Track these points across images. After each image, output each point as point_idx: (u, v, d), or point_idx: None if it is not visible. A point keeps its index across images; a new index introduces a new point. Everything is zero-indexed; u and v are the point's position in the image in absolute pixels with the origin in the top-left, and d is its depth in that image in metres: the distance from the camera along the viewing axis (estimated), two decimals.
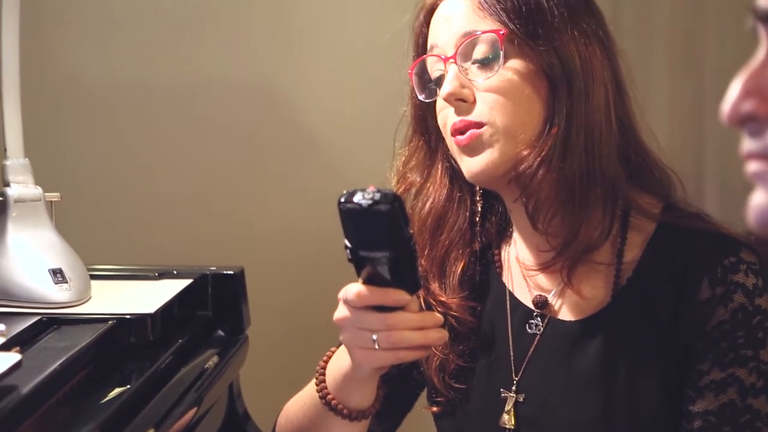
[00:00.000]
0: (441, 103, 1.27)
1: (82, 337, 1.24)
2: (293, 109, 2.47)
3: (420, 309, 1.14)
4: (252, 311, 1.64)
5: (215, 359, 1.47)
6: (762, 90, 0.65)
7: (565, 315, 1.28)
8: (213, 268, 1.60)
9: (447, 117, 1.27)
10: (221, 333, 1.58)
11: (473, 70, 1.25)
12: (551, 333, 1.29)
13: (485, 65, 1.24)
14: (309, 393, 1.34)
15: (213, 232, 2.44)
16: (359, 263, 1.09)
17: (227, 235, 2.43)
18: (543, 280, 1.30)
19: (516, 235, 1.34)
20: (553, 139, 1.22)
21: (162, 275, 1.58)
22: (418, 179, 1.34)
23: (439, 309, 1.30)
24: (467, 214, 1.33)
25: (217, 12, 2.46)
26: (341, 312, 1.14)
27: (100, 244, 2.12)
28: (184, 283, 1.54)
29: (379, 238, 1.05)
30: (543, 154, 1.21)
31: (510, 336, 1.31)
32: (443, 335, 1.15)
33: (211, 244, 2.41)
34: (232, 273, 1.60)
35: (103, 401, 1.17)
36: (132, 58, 2.47)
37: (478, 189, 1.33)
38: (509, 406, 1.29)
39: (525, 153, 1.22)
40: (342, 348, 1.24)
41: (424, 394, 1.41)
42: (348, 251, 1.08)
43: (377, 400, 1.28)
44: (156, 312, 1.35)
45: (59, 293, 1.37)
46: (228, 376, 1.52)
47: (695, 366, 1.21)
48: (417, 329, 1.12)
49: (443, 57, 1.26)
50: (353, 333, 1.13)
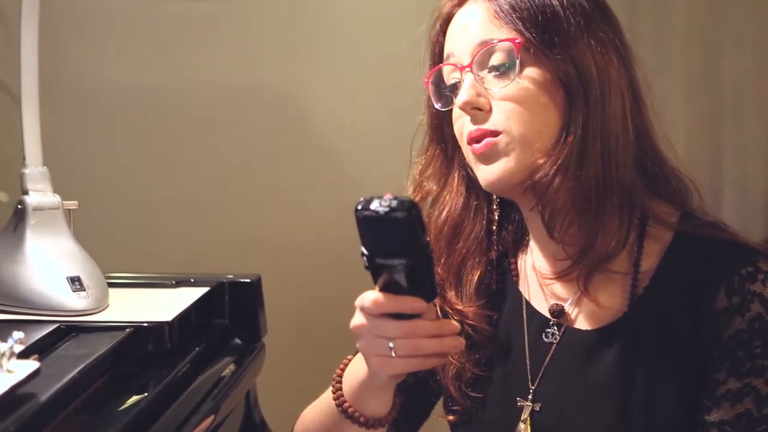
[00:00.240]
0: (457, 112, 1.28)
1: (99, 345, 1.24)
2: (310, 118, 2.47)
3: (437, 317, 1.13)
4: (269, 319, 1.64)
5: (232, 367, 1.47)
6: None
7: (582, 324, 1.28)
8: (230, 276, 1.60)
9: (463, 126, 1.27)
10: (238, 341, 1.58)
11: (489, 78, 1.25)
12: (568, 342, 1.28)
13: (501, 74, 1.24)
14: (325, 401, 1.34)
15: (230, 240, 2.44)
16: (376, 271, 1.09)
17: (244, 243, 2.43)
18: (559, 288, 1.30)
19: (532, 244, 1.34)
20: (570, 148, 1.22)
21: (179, 283, 1.59)
22: (434, 188, 1.34)
23: (456, 317, 1.30)
24: (484, 222, 1.33)
25: (233, 20, 2.47)
26: (358, 319, 1.14)
27: (117, 251, 2.13)
28: (201, 291, 1.54)
29: (396, 245, 1.06)
30: (559, 162, 1.21)
31: (526, 345, 1.31)
32: (460, 343, 1.15)
33: (228, 252, 2.42)
34: (248, 281, 1.61)
35: (121, 409, 1.18)
36: (148, 66, 2.48)
37: (494, 197, 1.33)
38: (525, 415, 1.29)
39: (541, 161, 1.22)
40: (359, 356, 1.24)
41: (440, 402, 1.41)
42: (365, 259, 1.08)
43: (394, 408, 1.28)
44: (173, 320, 1.36)
45: (77, 301, 1.37)
46: (245, 384, 1.52)
47: (712, 375, 1.21)
48: (434, 337, 1.11)
49: (459, 66, 1.27)
50: (370, 340, 1.13)
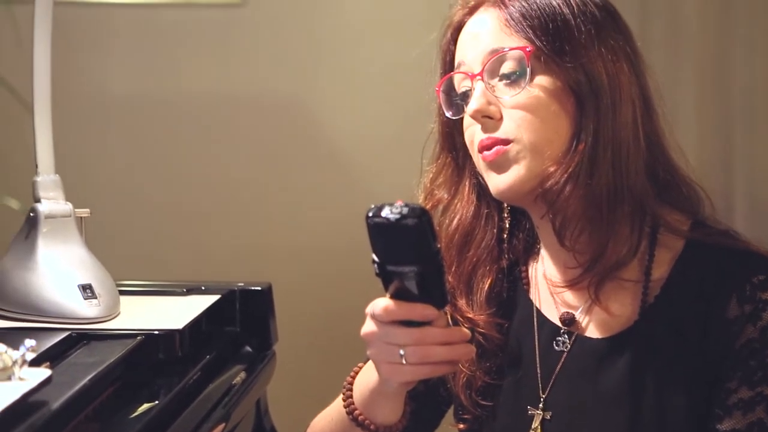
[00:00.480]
0: (468, 120, 1.28)
1: (111, 353, 1.24)
2: (321, 126, 2.48)
3: (447, 324, 1.13)
4: (279, 327, 1.64)
5: (243, 375, 1.47)
6: None
7: (593, 332, 1.28)
8: (241, 284, 1.60)
9: (474, 134, 1.27)
10: (249, 349, 1.58)
11: (500, 87, 1.25)
12: (578, 350, 1.28)
13: (512, 82, 1.24)
14: (336, 409, 1.34)
15: (241, 248, 2.45)
16: (387, 278, 1.09)
17: (255, 251, 2.44)
18: (570, 297, 1.30)
19: (543, 252, 1.33)
20: (580, 156, 1.22)
21: (190, 291, 1.59)
22: (445, 196, 1.34)
23: (467, 326, 1.29)
24: (495, 230, 1.33)
25: (245, 28, 2.48)
26: (369, 327, 1.14)
27: (129, 259, 2.14)
28: (212, 299, 1.54)
29: (407, 252, 1.06)
30: (570, 170, 1.21)
31: (537, 353, 1.31)
32: (470, 350, 1.15)
33: (239, 259, 2.42)
34: (259, 289, 1.61)
35: (132, 417, 1.18)
36: (160, 74, 2.49)
37: (505, 206, 1.33)
38: (536, 423, 1.29)
39: (552, 169, 1.22)
40: (369, 363, 1.24)
41: (450, 411, 1.40)
42: (376, 266, 1.08)
43: (404, 416, 1.28)
44: (184, 328, 1.36)
45: (89, 309, 1.38)
46: (255, 391, 1.52)
47: (723, 384, 1.20)
48: (444, 344, 1.11)
49: (470, 74, 1.27)
50: (380, 348, 1.13)
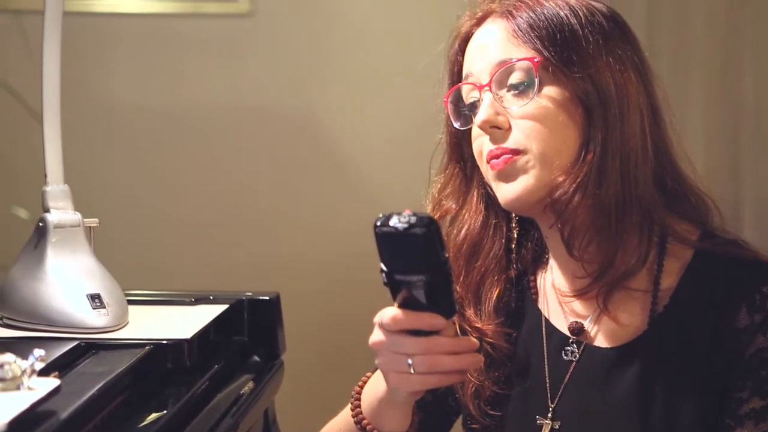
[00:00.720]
0: (476, 131, 1.28)
1: (119, 363, 1.25)
2: (329, 136, 2.48)
3: (455, 334, 1.13)
4: (287, 336, 1.65)
5: (251, 384, 1.47)
6: None
7: (601, 342, 1.28)
8: (249, 293, 1.60)
9: (482, 145, 1.27)
10: (257, 358, 1.58)
11: (508, 97, 1.25)
12: (587, 360, 1.28)
13: (520, 93, 1.24)
14: (344, 418, 1.34)
15: (249, 257, 2.45)
16: (395, 287, 1.09)
17: (263, 261, 2.44)
18: (579, 306, 1.30)
19: (552, 262, 1.33)
20: (589, 166, 1.22)
21: (198, 300, 1.59)
22: (453, 206, 1.34)
23: (475, 335, 1.29)
24: (503, 240, 1.33)
25: (252, 39, 2.49)
26: (377, 336, 1.14)
27: (137, 269, 2.14)
28: (220, 309, 1.54)
29: (415, 261, 1.06)
30: (578, 180, 1.21)
31: (546, 362, 1.30)
32: (478, 360, 1.15)
33: (247, 269, 2.43)
34: (267, 298, 1.61)
35: (140, 426, 1.18)
36: (170, 85, 2.49)
37: (513, 215, 1.33)
38: None
39: (560, 179, 1.22)
40: (377, 373, 1.24)
41: (459, 420, 1.40)
42: (384, 275, 1.08)
43: (412, 426, 1.27)
44: (192, 337, 1.36)
45: (97, 318, 1.38)
46: (263, 401, 1.52)
47: (734, 394, 1.20)
48: (452, 353, 1.11)
49: (478, 85, 1.27)
50: (389, 357, 1.13)
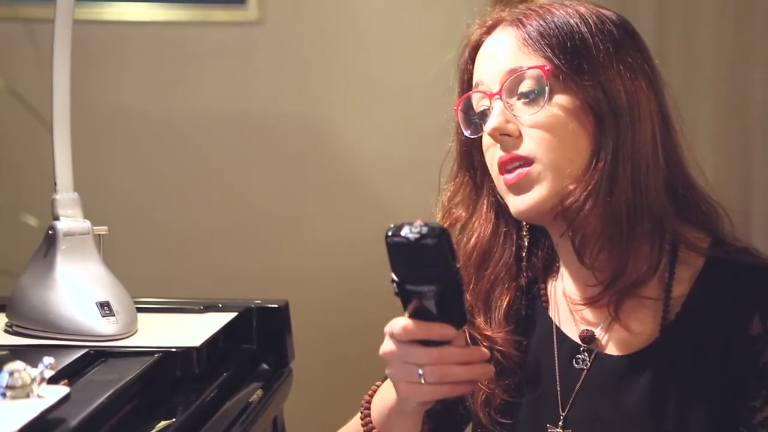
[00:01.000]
0: (487, 140, 1.28)
1: (128, 371, 1.24)
2: (339, 145, 2.49)
3: (466, 344, 1.13)
4: (296, 344, 1.64)
5: (259, 393, 1.47)
6: None
7: (613, 350, 1.28)
8: (257, 301, 1.60)
9: (494, 155, 1.27)
10: (265, 366, 1.58)
11: (518, 105, 1.25)
12: (598, 368, 1.28)
13: (531, 101, 1.24)
14: (354, 427, 1.34)
15: (258, 265, 2.45)
16: (406, 297, 1.09)
17: (272, 269, 2.44)
18: (590, 314, 1.30)
19: (563, 269, 1.33)
20: (600, 174, 1.22)
21: (207, 308, 1.59)
22: (463, 214, 1.34)
23: (485, 343, 1.29)
24: (513, 248, 1.33)
25: (261, 48, 2.49)
26: (387, 346, 1.14)
27: (146, 277, 2.14)
28: (229, 317, 1.54)
29: (426, 271, 1.06)
30: (590, 188, 1.21)
31: (557, 371, 1.30)
32: (489, 370, 1.14)
33: (256, 277, 2.43)
34: (276, 306, 1.60)
35: None
36: (178, 93, 2.50)
37: (524, 224, 1.33)
38: None
39: (572, 187, 1.22)
40: (387, 382, 1.23)
41: (469, 428, 1.40)
42: (394, 285, 1.08)
43: None
44: (201, 345, 1.36)
45: (106, 326, 1.38)
46: (272, 409, 1.52)
47: (747, 403, 1.20)
48: (463, 364, 1.11)
49: (488, 93, 1.27)
50: (399, 367, 1.13)
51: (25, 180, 2.46)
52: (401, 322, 1.11)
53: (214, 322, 1.50)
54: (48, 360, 1.04)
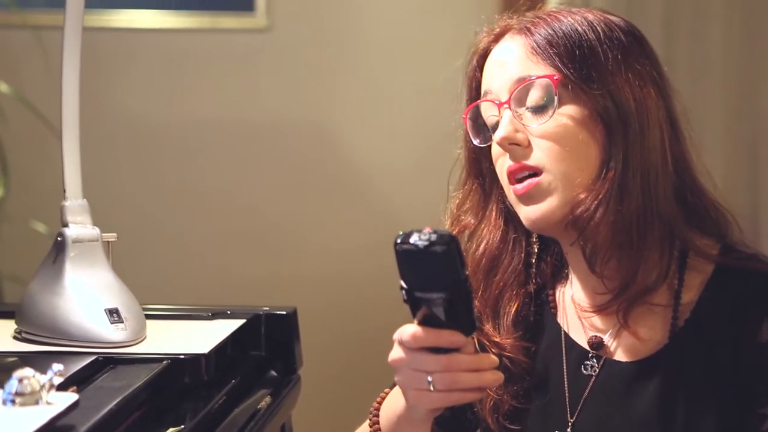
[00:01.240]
0: (496, 150, 1.27)
1: (137, 377, 1.24)
2: (347, 152, 2.49)
3: (475, 350, 1.13)
4: (304, 351, 1.64)
5: (268, 399, 1.47)
6: None
7: (621, 356, 1.27)
8: (266, 308, 1.60)
9: (503, 164, 1.27)
10: (274, 373, 1.58)
11: (527, 115, 1.25)
12: (607, 374, 1.27)
13: (539, 110, 1.24)
14: None
15: (266, 272, 2.45)
16: (415, 304, 1.09)
17: (280, 275, 2.44)
18: (598, 320, 1.29)
19: (572, 276, 1.33)
20: (610, 182, 1.21)
21: (215, 315, 1.59)
22: (472, 221, 1.34)
23: (493, 350, 1.29)
24: (522, 255, 1.33)
25: (269, 55, 2.50)
26: (396, 353, 1.14)
27: (155, 283, 2.14)
28: (237, 323, 1.54)
29: (435, 279, 1.06)
30: (600, 197, 1.21)
31: (565, 377, 1.30)
32: (498, 377, 1.14)
33: (264, 283, 2.43)
34: (284, 313, 1.60)
35: None
36: (187, 100, 2.50)
37: None
38: None
39: (582, 196, 1.22)
40: (396, 389, 1.23)
41: None
42: (403, 292, 1.08)
43: None
44: (210, 352, 1.36)
45: (115, 333, 1.38)
46: (280, 416, 1.52)
47: (756, 410, 1.19)
48: (472, 371, 1.11)
49: (497, 102, 1.27)
50: (408, 374, 1.13)
51: (34, 187, 2.46)
52: (410, 329, 1.11)
53: (222, 328, 1.50)
54: (57, 367, 1.04)
